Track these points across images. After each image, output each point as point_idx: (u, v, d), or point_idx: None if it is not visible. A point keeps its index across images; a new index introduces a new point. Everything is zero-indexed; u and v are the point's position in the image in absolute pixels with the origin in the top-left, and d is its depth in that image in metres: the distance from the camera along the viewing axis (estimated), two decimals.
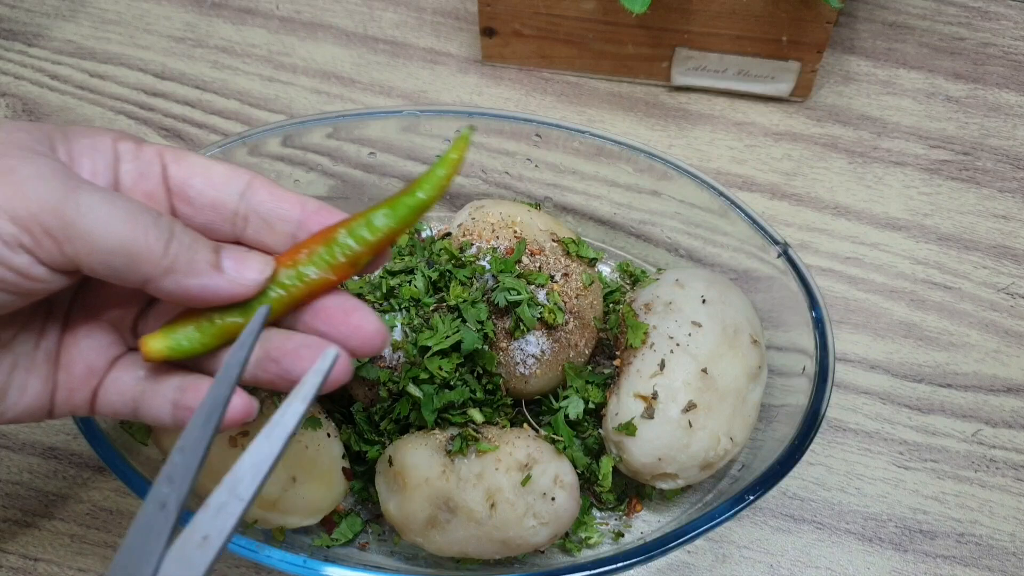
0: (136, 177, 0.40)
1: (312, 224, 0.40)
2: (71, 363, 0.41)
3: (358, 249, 0.39)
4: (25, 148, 0.36)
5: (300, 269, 0.39)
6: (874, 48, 0.83)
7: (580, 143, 0.63)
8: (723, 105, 0.79)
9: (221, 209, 0.40)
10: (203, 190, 0.40)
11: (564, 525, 0.51)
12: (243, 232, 0.41)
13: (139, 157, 0.40)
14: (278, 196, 0.41)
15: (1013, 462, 0.62)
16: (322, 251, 0.39)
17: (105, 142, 0.39)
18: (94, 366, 0.41)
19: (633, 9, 0.68)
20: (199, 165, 0.40)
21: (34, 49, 0.82)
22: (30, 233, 0.34)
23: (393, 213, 0.39)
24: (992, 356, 0.66)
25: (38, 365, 0.41)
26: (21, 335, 0.40)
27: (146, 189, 0.40)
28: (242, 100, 0.79)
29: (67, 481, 0.60)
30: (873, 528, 0.59)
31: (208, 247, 0.38)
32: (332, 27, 0.84)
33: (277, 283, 0.39)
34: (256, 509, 0.52)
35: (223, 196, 0.40)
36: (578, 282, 0.56)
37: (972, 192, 0.74)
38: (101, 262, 0.36)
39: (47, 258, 0.35)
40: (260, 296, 0.39)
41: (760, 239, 0.58)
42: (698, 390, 0.52)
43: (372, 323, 0.40)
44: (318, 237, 0.40)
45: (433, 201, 0.40)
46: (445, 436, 0.52)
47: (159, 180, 0.40)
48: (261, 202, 0.40)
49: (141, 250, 0.36)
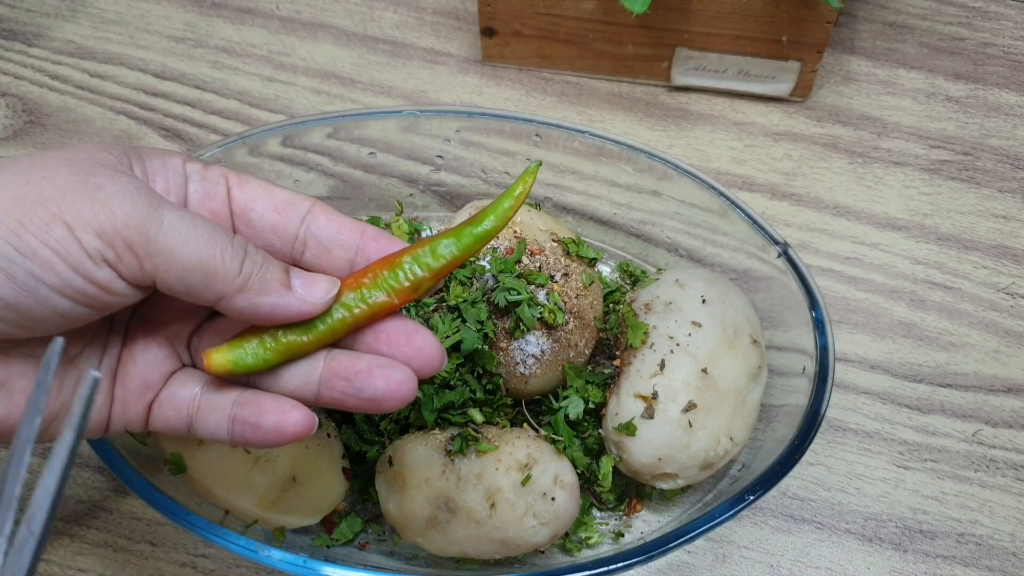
0: (203, 197, 0.41)
1: (370, 250, 0.41)
2: (127, 378, 0.42)
3: (421, 275, 0.40)
4: (109, 167, 0.37)
5: (364, 292, 0.40)
6: (874, 48, 0.83)
7: (580, 143, 0.63)
8: (723, 105, 0.79)
9: (282, 233, 0.41)
10: (265, 214, 0.41)
11: (564, 525, 0.51)
12: (301, 256, 0.42)
13: (206, 178, 0.41)
14: (338, 223, 0.42)
15: (1013, 462, 0.62)
16: (386, 275, 0.40)
17: (176, 162, 0.41)
18: (149, 381, 0.42)
19: (633, 9, 0.68)
20: (262, 189, 0.42)
21: (34, 49, 0.82)
22: (113, 248, 0.35)
23: (458, 242, 0.41)
24: (992, 356, 0.66)
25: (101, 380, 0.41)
26: (87, 351, 0.41)
27: (212, 208, 0.41)
28: (242, 100, 0.79)
29: (67, 481, 0.60)
30: (873, 528, 0.59)
31: (279, 267, 0.39)
32: (332, 27, 0.84)
33: (341, 304, 0.40)
34: (256, 509, 0.52)
35: (284, 221, 0.41)
36: (578, 282, 0.56)
37: (972, 192, 0.74)
38: (178, 278, 0.37)
39: (127, 273, 0.36)
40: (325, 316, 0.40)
41: (760, 239, 0.58)
42: (698, 390, 0.52)
43: (432, 345, 0.41)
44: (383, 262, 0.41)
45: (497, 231, 0.41)
46: (445, 436, 0.52)
47: (224, 201, 0.41)
48: (320, 228, 0.41)
49: (217, 268, 0.37)
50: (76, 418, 0.36)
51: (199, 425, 0.42)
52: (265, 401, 0.40)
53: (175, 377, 0.42)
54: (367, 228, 0.42)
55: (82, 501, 0.59)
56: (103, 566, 0.57)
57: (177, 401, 0.42)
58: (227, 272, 0.37)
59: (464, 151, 0.66)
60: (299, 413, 0.40)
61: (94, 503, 0.59)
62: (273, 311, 0.39)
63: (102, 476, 0.60)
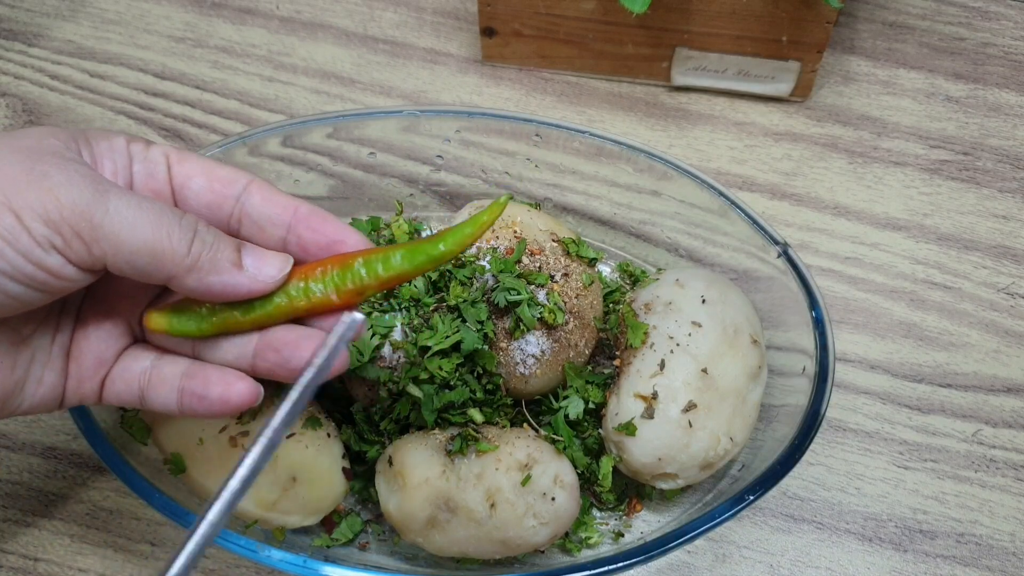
0: (145, 177, 0.41)
1: (302, 228, 0.42)
2: (81, 354, 0.43)
3: (368, 281, 0.41)
4: (57, 154, 0.38)
5: (310, 285, 0.41)
6: (874, 48, 0.83)
7: (580, 143, 0.63)
8: (723, 105, 0.79)
9: (216, 211, 0.42)
10: (200, 192, 0.42)
11: (564, 525, 0.51)
12: (237, 234, 0.42)
13: (148, 158, 0.42)
14: (270, 200, 0.42)
15: (1013, 462, 0.62)
16: (335, 274, 0.41)
17: (120, 143, 0.41)
18: (103, 357, 0.43)
19: (633, 9, 0.68)
20: (200, 166, 0.42)
21: (34, 49, 0.82)
22: (61, 235, 0.36)
23: (412, 259, 0.41)
24: (992, 356, 0.66)
25: (53, 358, 0.43)
26: (40, 330, 0.42)
27: (153, 188, 0.41)
28: (242, 100, 0.79)
29: (67, 481, 0.60)
30: (873, 528, 0.59)
31: (231, 246, 0.40)
32: (332, 27, 0.84)
33: (284, 292, 0.41)
34: (256, 509, 0.52)
35: (219, 199, 0.42)
36: (578, 282, 0.56)
37: (972, 192, 0.74)
38: (127, 262, 0.38)
39: (76, 258, 0.37)
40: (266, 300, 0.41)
41: (760, 239, 0.58)
42: (698, 390, 0.52)
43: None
44: (336, 260, 0.41)
45: (452, 255, 0.41)
46: (445, 436, 0.52)
47: (165, 180, 0.42)
48: (254, 206, 0.42)
49: (165, 250, 0.38)
50: (320, 358, 0.39)
51: (150, 397, 0.43)
52: (211, 373, 0.42)
53: (128, 352, 0.44)
54: (301, 206, 0.42)
55: (82, 501, 0.59)
56: (103, 566, 0.57)
57: (129, 375, 0.43)
58: (175, 253, 0.38)
59: (464, 151, 0.66)
60: (243, 384, 0.41)
61: (94, 503, 0.59)
62: (224, 290, 0.39)
63: (102, 476, 0.60)
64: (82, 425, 0.51)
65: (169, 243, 0.38)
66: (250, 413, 0.52)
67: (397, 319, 0.54)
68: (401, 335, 0.54)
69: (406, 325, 0.54)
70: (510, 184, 0.67)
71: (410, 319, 0.54)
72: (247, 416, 0.52)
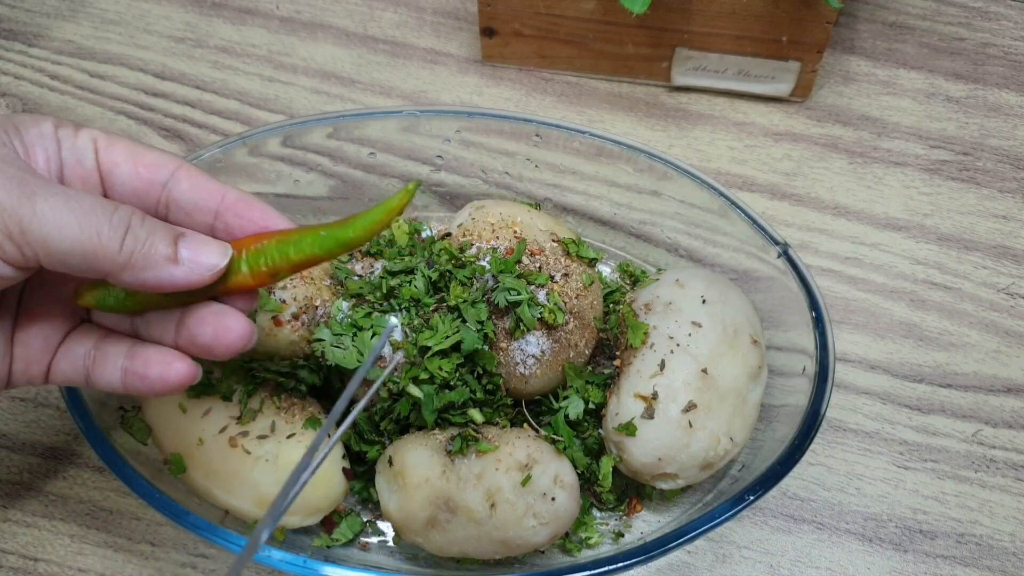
0: (74, 164, 0.41)
1: (229, 215, 0.42)
2: (28, 338, 0.43)
3: (279, 264, 0.41)
4: None
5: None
6: (874, 48, 0.83)
7: (580, 143, 0.63)
8: (723, 105, 0.79)
9: (144, 197, 0.42)
10: (127, 179, 0.42)
11: (564, 525, 0.51)
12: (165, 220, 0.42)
13: (75, 145, 0.41)
14: (198, 186, 0.42)
15: (1013, 462, 0.62)
16: (249, 255, 0.41)
17: (48, 129, 0.41)
18: (51, 340, 0.43)
19: (633, 9, 0.68)
20: (127, 151, 0.42)
21: (34, 49, 0.82)
22: None
23: (321, 244, 0.41)
24: (992, 356, 0.66)
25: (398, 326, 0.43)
26: None
27: (82, 176, 0.41)
28: (242, 100, 0.79)
29: (67, 481, 0.60)
30: (873, 528, 0.59)
31: (166, 239, 0.39)
32: (332, 27, 0.84)
33: None
34: (256, 509, 0.52)
35: (146, 185, 0.42)
36: (578, 282, 0.56)
37: (972, 192, 0.74)
38: (60, 262, 0.38)
39: (10, 259, 0.37)
40: None
41: (760, 239, 0.58)
42: (698, 390, 0.52)
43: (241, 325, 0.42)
44: (253, 239, 0.42)
45: (361, 242, 0.42)
46: (445, 436, 0.52)
47: (93, 166, 0.41)
48: (182, 192, 0.42)
49: (96, 249, 0.37)
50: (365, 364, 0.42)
51: (95, 377, 0.43)
52: (152, 354, 0.42)
53: (72, 333, 0.44)
54: (229, 192, 0.42)
55: (82, 501, 0.59)
56: (103, 566, 0.57)
57: (74, 356, 0.43)
58: (107, 252, 0.38)
59: (464, 151, 0.66)
60: (182, 364, 0.42)
61: (94, 503, 0.59)
62: (159, 284, 0.39)
63: (102, 476, 0.60)
64: (82, 425, 0.51)
65: (99, 242, 0.37)
66: (249, 414, 0.52)
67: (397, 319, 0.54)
68: (401, 335, 0.54)
69: (406, 325, 0.54)
70: (510, 184, 0.67)
71: (410, 319, 0.54)
72: (247, 416, 0.52)
